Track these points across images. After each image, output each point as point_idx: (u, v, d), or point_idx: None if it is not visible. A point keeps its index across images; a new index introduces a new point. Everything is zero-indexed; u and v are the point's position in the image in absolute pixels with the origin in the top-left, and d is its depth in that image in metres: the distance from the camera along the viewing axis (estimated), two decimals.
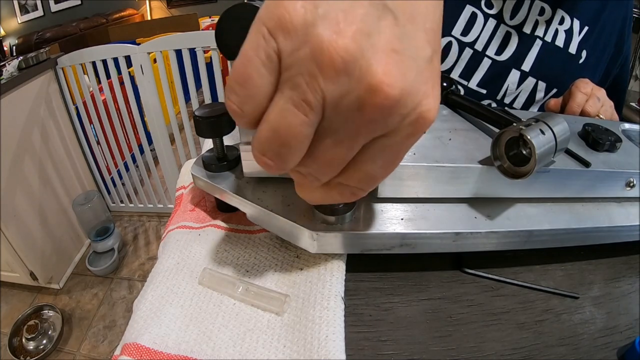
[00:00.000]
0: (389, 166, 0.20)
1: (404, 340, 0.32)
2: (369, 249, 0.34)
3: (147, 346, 0.30)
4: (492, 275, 0.37)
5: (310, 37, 0.15)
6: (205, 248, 0.39)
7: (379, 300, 0.35)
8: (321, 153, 0.18)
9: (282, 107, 0.17)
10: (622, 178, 0.37)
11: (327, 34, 0.15)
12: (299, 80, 0.16)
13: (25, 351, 1.34)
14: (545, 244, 0.36)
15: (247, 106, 0.17)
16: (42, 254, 1.50)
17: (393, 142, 0.18)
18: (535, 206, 0.37)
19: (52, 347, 1.35)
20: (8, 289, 1.58)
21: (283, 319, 0.32)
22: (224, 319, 0.32)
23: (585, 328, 0.33)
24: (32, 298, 1.57)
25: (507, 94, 0.64)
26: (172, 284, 0.36)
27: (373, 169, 0.19)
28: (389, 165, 0.20)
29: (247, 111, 0.18)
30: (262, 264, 0.37)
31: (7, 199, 1.32)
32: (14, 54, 1.52)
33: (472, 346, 0.31)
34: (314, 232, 0.33)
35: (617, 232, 0.38)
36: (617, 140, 0.39)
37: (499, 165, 0.33)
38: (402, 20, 0.16)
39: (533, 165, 0.29)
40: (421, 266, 0.38)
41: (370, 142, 0.18)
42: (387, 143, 0.18)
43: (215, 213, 0.45)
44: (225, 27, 0.30)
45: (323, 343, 0.30)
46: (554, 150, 0.30)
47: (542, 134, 0.29)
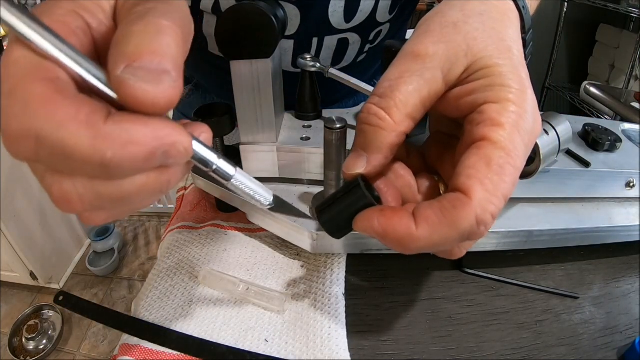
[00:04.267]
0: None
1: (404, 340, 0.32)
2: (369, 249, 0.34)
3: (147, 346, 0.30)
4: (492, 275, 0.37)
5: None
6: (206, 248, 0.39)
7: (379, 300, 0.35)
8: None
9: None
10: (622, 178, 0.37)
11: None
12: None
13: (25, 351, 1.34)
14: (545, 244, 0.36)
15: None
16: (42, 254, 1.50)
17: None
18: (535, 206, 0.37)
19: (52, 347, 1.35)
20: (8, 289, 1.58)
21: (284, 317, 0.32)
22: (225, 318, 0.32)
23: (585, 328, 0.33)
24: (32, 298, 1.56)
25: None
26: (172, 284, 0.36)
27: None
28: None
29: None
30: (263, 263, 0.37)
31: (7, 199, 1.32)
32: None
33: (472, 346, 0.31)
34: (314, 232, 0.33)
35: (617, 232, 0.38)
36: (617, 140, 0.39)
37: None
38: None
39: (538, 165, 0.29)
40: (421, 266, 0.38)
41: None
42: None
43: (215, 213, 0.45)
44: (226, 26, 0.30)
45: (326, 342, 0.30)
46: (558, 150, 0.30)
47: (545, 133, 0.29)
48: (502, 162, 0.18)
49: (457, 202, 0.18)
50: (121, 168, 0.14)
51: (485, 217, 0.18)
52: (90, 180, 0.15)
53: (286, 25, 0.35)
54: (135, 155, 0.14)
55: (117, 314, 0.33)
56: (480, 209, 0.18)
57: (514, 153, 0.18)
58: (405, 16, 0.49)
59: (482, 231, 0.18)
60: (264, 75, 0.32)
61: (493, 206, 0.18)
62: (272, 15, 0.29)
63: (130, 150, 0.14)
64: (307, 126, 0.41)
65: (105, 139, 0.13)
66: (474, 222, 0.18)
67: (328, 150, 0.31)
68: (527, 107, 0.19)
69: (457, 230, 0.18)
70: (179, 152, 0.15)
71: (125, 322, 0.33)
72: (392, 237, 0.19)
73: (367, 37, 0.45)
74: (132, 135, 0.14)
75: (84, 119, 0.13)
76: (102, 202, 0.15)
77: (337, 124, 0.29)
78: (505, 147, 0.18)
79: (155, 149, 0.14)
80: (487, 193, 0.18)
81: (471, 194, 0.18)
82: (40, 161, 0.14)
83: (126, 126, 0.14)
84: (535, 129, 0.19)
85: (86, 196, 0.15)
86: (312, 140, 0.38)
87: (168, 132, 0.15)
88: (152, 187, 0.16)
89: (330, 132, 0.29)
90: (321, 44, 0.44)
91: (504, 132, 0.18)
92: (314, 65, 0.40)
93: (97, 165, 0.14)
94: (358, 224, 0.21)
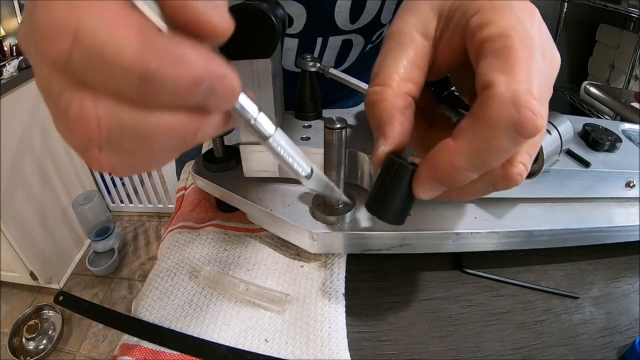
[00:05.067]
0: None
1: (404, 340, 0.32)
2: (369, 249, 0.34)
3: (147, 346, 0.30)
4: (492, 275, 0.37)
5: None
6: (206, 248, 0.39)
7: (379, 300, 0.35)
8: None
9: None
10: (622, 178, 0.37)
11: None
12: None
13: (25, 351, 1.34)
14: (545, 244, 0.36)
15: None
16: (42, 254, 1.50)
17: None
18: (535, 206, 0.37)
19: (52, 347, 1.35)
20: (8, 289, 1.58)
21: (284, 317, 0.32)
22: (225, 318, 0.32)
23: (585, 328, 0.33)
24: (32, 298, 1.57)
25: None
26: (172, 284, 0.36)
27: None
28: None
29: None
30: (263, 262, 0.37)
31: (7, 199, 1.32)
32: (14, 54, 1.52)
33: (472, 346, 0.31)
34: (314, 232, 0.33)
35: (617, 232, 0.38)
36: (617, 140, 0.39)
37: None
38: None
39: (541, 165, 0.29)
40: (421, 266, 0.38)
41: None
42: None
43: (215, 213, 0.45)
44: None
45: (326, 341, 0.30)
46: (560, 150, 0.30)
47: (548, 133, 0.29)
48: (509, 44, 0.17)
49: (484, 97, 0.17)
50: (160, 88, 0.13)
51: (522, 98, 0.16)
52: (116, 103, 0.13)
53: (286, 25, 0.35)
54: (180, 76, 0.13)
55: (117, 314, 0.33)
56: (510, 91, 0.16)
57: (516, 33, 0.17)
58: None
59: (528, 115, 0.16)
60: (264, 75, 0.32)
61: (526, 85, 0.16)
62: (273, 16, 0.29)
63: (177, 68, 0.12)
64: (307, 126, 0.41)
65: (153, 49, 0.12)
66: (509, 107, 0.16)
67: (328, 150, 0.31)
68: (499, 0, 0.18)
69: (493, 124, 0.17)
70: (226, 89, 0.14)
71: (125, 322, 0.33)
72: (441, 171, 0.19)
73: (370, 38, 0.45)
74: (184, 53, 0.13)
75: (135, 25, 0.12)
76: (121, 133, 0.14)
77: (337, 124, 0.29)
78: (503, 34, 0.17)
79: (203, 77, 0.13)
80: (508, 76, 0.17)
81: (492, 83, 0.17)
82: (68, 66, 0.12)
83: (179, 42, 0.13)
84: (531, 10, 0.19)
85: (106, 120, 0.13)
86: (312, 140, 0.38)
87: (220, 63, 0.14)
88: (177, 131, 0.14)
89: (330, 132, 0.29)
90: (325, 44, 0.44)
91: (495, 24, 0.18)
92: (314, 65, 0.40)
93: (135, 77, 0.12)
94: (419, 192, 0.20)
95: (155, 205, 1.99)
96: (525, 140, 0.17)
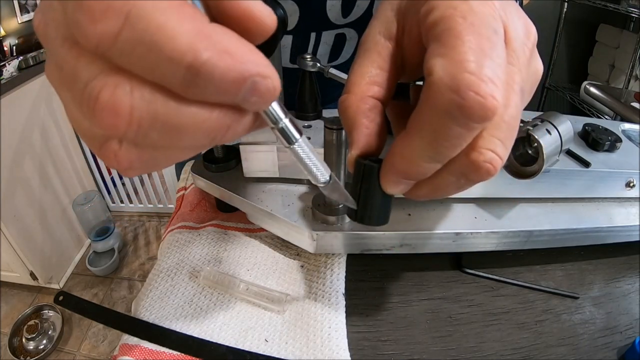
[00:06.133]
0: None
1: (404, 340, 0.32)
2: (369, 249, 0.34)
3: (147, 346, 0.30)
4: (492, 275, 0.37)
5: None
6: (206, 248, 0.39)
7: (379, 300, 0.35)
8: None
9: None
10: (622, 178, 0.37)
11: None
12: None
13: (25, 351, 1.34)
14: (545, 244, 0.36)
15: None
16: (42, 254, 1.50)
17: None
18: (535, 206, 0.37)
19: (52, 347, 1.35)
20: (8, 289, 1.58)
21: (284, 317, 0.32)
22: (225, 318, 0.32)
23: (585, 328, 0.33)
24: (32, 298, 1.56)
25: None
26: (172, 284, 0.36)
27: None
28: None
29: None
30: (263, 262, 0.37)
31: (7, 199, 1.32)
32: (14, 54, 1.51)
33: (472, 346, 0.31)
34: (314, 232, 0.33)
35: (617, 232, 0.38)
36: (617, 140, 0.39)
37: (506, 165, 0.32)
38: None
39: (541, 165, 0.29)
40: (421, 266, 0.38)
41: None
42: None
43: (215, 213, 0.45)
44: None
45: (326, 341, 0.30)
46: (560, 150, 0.30)
47: (548, 133, 0.29)
48: (447, 26, 0.16)
49: (425, 86, 0.16)
50: (207, 80, 0.12)
51: (460, 80, 0.15)
52: (153, 92, 0.12)
53: (286, 24, 0.35)
54: (229, 70, 0.12)
55: (117, 314, 0.33)
56: (447, 75, 0.15)
57: (456, 13, 0.16)
58: None
59: (473, 99, 0.15)
60: None
61: (465, 64, 0.15)
62: None
63: (227, 61, 0.12)
64: (307, 126, 0.41)
65: (206, 38, 0.12)
66: (448, 93, 0.15)
67: (328, 150, 0.31)
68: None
69: (439, 114, 0.16)
70: (268, 89, 0.14)
71: (125, 322, 0.33)
72: (396, 161, 0.18)
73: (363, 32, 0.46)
74: (235, 47, 0.12)
75: (189, 12, 0.12)
76: (151, 125, 0.13)
77: (337, 124, 0.29)
78: (444, 16, 0.16)
79: (250, 74, 0.13)
80: (447, 59, 0.15)
81: (431, 71, 0.16)
82: (112, 48, 0.12)
83: (231, 35, 0.12)
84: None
85: (139, 110, 0.13)
86: (312, 140, 0.38)
87: (266, 62, 0.13)
88: (209, 128, 0.14)
89: (330, 132, 0.29)
90: (319, 39, 0.44)
91: (436, 9, 0.17)
92: (314, 66, 0.40)
93: (184, 66, 0.12)
94: (388, 188, 0.20)
95: (155, 205, 1.99)
96: (480, 124, 0.16)
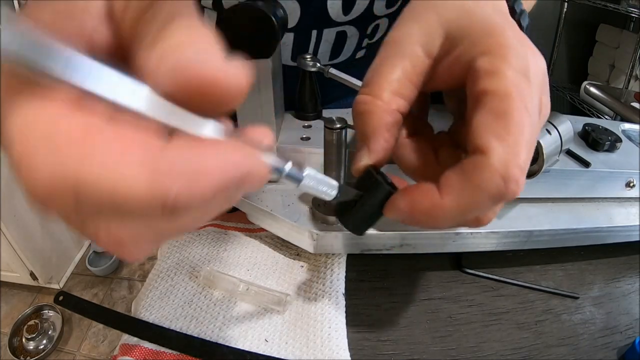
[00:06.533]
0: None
1: (404, 340, 0.32)
2: (369, 249, 0.34)
3: (147, 346, 0.30)
4: (492, 275, 0.37)
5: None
6: (205, 248, 0.39)
7: (379, 300, 0.35)
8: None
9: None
10: (622, 178, 0.37)
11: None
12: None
13: (25, 351, 1.34)
14: (545, 244, 0.36)
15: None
16: (42, 254, 1.50)
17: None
18: (535, 206, 0.37)
19: (52, 347, 1.35)
20: (8, 289, 1.57)
21: (284, 317, 0.32)
22: (224, 318, 0.32)
23: (585, 328, 0.33)
24: (32, 298, 1.56)
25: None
26: (172, 284, 0.36)
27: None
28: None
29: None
30: (263, 262, 0.37)
31: (7, 199, 1.32)
32: None
33: (472, 346, 0.31)
34: (314, 232, 0.33)
35: (617, 232, 0.38)
36: (617, 140, 0.39)
37: None
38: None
39: (541, 165, 0.29)
40: (421, 266, 0.38)
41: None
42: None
43: None
44: (226, 26, 0.30)
45: (326, 342, 0.30)
46: (560, 150, 0.30)
47: (548, 133, 0.29)
48: (510, 108, 0.17)
49: (477, 162, 0.17)
50: (188, 206, 0.11)
51: (511, 172, 0.17)
52: (148, 221, 0.12)
53: (286, 24, 0.35)
54: (204, 190, 0.11)
55: (117, 314, 0.33)
56: (502, 164, 0.17)
57: (519, 95, 0.17)
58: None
59: (513, 188, 0.17)
60: (264, 75, 0.32)
61: (517, 158, 0.17)
62: (272, 15, 0.29)
63: (199, 184, 0.11)
64: (307, 126, 0.41)
65: (166, 173, 0.10)
66: (499, 180, 0.17)
67: (328, 150, 0.31)
68: (511, 42, 0.18)
69: (483, 192, 0.17)
70: (254, 180, 0.13)
71: (125, 322, 0.33)
72: (419, 213, 0.19)
73: (364, 30, 0.46)
74: (201, 164, 0.11)
75: (138, 152, 0.10)
76: (161, 238, 0.13)
77: (337, 124, 0.29)
78: (508, 93, 0.17)
79: (230, 180, 0.11)
80: (505, 146, 0.17)
81: (488, 151, 0.17)
82: (80, 213, 0.11)
83: (191, 152, 0.11)
84: (538, 61, 0.19)
85: (142, 237, 0.12)
86: (312, 140, 0.38)
87: (242, 155, 0.12)
88: (216, 211, 0.14)
89: (330, 132, 0.29)
90: (320, 37, 0.44)
91: (500, 78, 0.17)
92: (314, 65, 0.40)
93: (158, 208, 0.11)
94: (388, 214, 0.20)
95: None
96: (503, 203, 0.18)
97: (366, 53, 0.49)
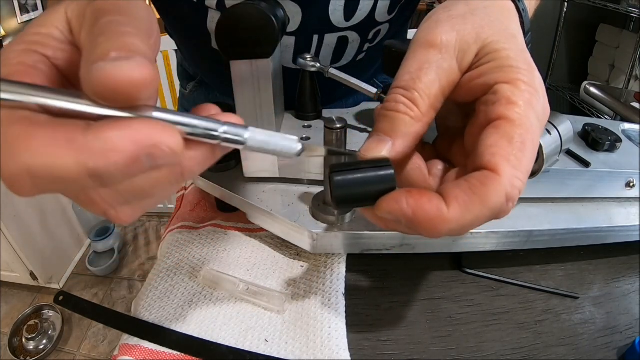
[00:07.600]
0: None
1: (404, 340, 0.32)
2: (369, 249, 0.34)
3: (147, 346, 0.30)
4: (492, 275, 0.37)
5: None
6: (206, 248, 0.39)
7: (379, 300, 0.35)
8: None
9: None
10: (622, 178, 0.37)
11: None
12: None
13: (25, 351, 1.34)
14: (545, 244, 0.36)
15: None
16: (42, 254, 1.50)
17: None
18: (535, 206, 0.37)
19: (52, 347, 1.35)
20: (8, 289, 1.58)
21: (284, 317, 0.32)
22: (225, 318, 0.32)
23: (585, 328, 0.33)
24: (32, 298, 1.56)
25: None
26: (172, 284, 0.36)
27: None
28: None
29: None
30: (263, 262, 0.37)
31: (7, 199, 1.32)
32: None
33: (472, 346, 0.31)
34: (314, 232, 0.33)
35: (617, 232, 0.38)
36: (617, 140, 0.39)
37: None
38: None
39: (541, 165, 0.29)
40: (421, 266, 0.38)
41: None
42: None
43: (215, 213, 0.45)
44: (226, 26, 0.30)
45: (326, 342, 0.30)
46: (560, 150, 0.30)
47: (548, 133, 0.29)
48: (523, 138, 0.18)
49: (486, 179, 0.18)
50: (110, 175, 0.14)
51: (514, 193, 0.18)
52: (94, 188, 0.15)
53: (286, 25, 0.35)
54: (116, 163, 0.14)
55: (117, 314, 0.33)
56: (509, 184, 0.18)
57: (531, 129, 0.19)
58: (405, 17, 0.49)
59: (509, 208, 0.19)
60: (264, 75, 0.32)
61: (520, 182, 0.18)
62: (272, 16, 0.29)
63: (110, 158, 0.14)
64: (307, 126, 0.41)
65: (85, 152, 0.13)
66: (503, 199, 0.18)
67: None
68: (536, 86, 0.19)
69: (488, 208, 0.18)
70: (164, 152, 0.15)
71: (125, 322, 0.33)
72: (422, 219, 0.18)
73: (366, 36, 0.46)
74: (109, 143, 0.14)
75: (62, 138, 0.14)
76: (125, 198, 0.16)
77: (337, 124, 0.29)
78: (523, 124, 0.18)
79: (136, 154, 0.14)
80: (513, 169, 0.18)
81: (499, 170, 0.18)
82: (45, 191, 0.15)
83: (103, 134, 0.14)
84: (545, 108, 0.20)
85: (107, 197, 0.16)
86: (312, 140, 0.38)
87: (148, 133, 0.14)
88: (165, 181, 0.16)
89: (330, 132, 0.29)
90: (321, 41, 0.44)
91: (520, 110, 0.19)
92: (314, 65, 0.40)
93: (87, 178, 0.14)
94: (384, 205, 0.20)
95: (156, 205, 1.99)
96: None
97: (366, 55, 0.49)
